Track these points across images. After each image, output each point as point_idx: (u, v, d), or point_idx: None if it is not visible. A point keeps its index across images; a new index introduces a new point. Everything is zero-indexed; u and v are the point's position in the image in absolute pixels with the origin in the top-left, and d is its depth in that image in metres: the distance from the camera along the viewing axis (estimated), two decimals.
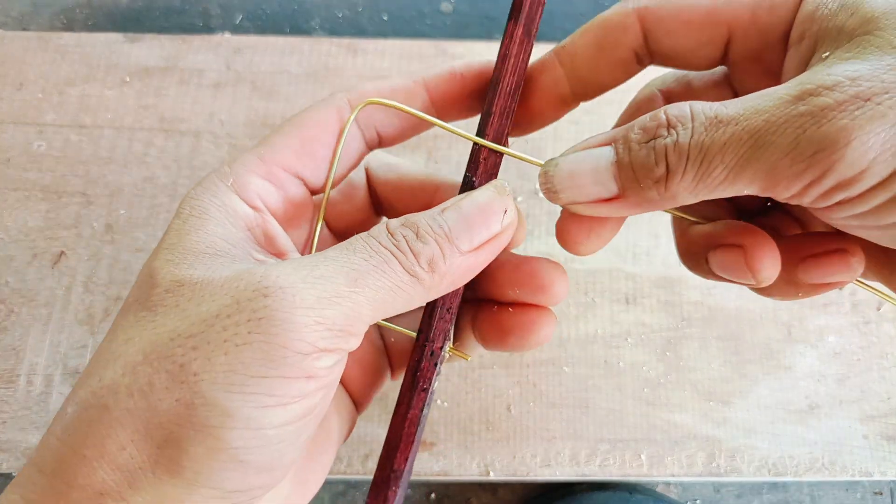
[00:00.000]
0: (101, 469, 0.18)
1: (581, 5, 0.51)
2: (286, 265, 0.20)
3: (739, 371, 0.39)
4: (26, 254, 0.40)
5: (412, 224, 0.22)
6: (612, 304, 0.40)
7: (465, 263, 0.22)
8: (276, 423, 0.19)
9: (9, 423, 0.37)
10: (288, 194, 0.24)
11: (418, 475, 0.37)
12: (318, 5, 0.51)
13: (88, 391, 0.19)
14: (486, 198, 0.23)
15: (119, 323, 0.21)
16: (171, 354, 0.19)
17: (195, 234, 0.22)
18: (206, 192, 0.23)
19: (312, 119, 0.25)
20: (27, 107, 0.43)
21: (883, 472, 0.37)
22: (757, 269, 0.23)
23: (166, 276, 0.20)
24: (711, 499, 0.41)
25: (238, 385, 0.18)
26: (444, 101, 0.26)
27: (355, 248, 0.21)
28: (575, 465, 0.37)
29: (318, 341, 0.19)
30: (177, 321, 0.19)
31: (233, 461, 0.19)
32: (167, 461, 0.19)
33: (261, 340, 0.18)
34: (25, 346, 0.38)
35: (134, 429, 0.19)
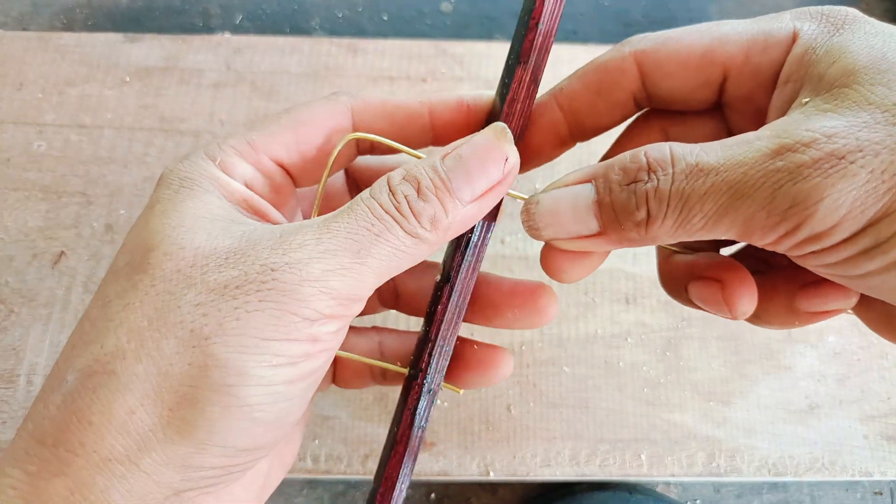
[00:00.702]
0: (109, 434, 0.19)
1: (581, 5, 0.51)
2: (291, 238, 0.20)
3: (739, 371, 0.39)
4: (26, 254, 0.40)
5: (413, 178, 0.21)
6: (612, 304, 0.40)
7: (468, 213, 0.22)
8: (285, 380, 0.20)
9: (9, 423, 0.37)
10: (273, 183, 0.24)
11: (418, 475, 0.37)
12: (318, 5, 0.51)
13: (90, 359, 0.19)
14: (486, 142, 0.22)
15: (110, 288, 0.21)
16: (180, 321, 0.19)
17: (190, 201, 0.22)
18: (194, 167, 0.23)
19: (311, 117, 0.25)
20: (27, 107, 0.43)
21: (883, 472, 0.37)
22: (734, 304, 0.24)
23: (164, 241, 0.20)
24: (711, 499, 0.41)
25: (250, 347, 0.19)
26: (446, 127, 0.26)
27: (357, 216, 0.21)
28: (575, 465, 0.37)
29: (323, 309, 0.20)
30: (181, 287, 0.20)
31: (246, 418, 0.20)
32: (180, 422, 0.19)
33: (271, 308, 0.19)
34: (25, 347, 0.38)
35: (143, 393, 0.19)
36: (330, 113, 0.25)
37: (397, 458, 0.25)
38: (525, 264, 0.40)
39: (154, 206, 0.22)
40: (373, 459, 0.37)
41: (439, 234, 0.21)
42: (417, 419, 0.25)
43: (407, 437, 0.25)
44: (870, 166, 0.17)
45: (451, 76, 0.44)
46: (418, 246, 0.21)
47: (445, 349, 0.25)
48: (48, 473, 0.19)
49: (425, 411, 0.25)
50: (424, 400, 0.25)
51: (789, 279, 0.25)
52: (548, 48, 0.24)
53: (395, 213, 0.21)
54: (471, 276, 0.25)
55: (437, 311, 0.25)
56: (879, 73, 0.19)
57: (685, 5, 0.52)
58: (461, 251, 0.25)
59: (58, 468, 0.19)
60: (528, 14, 0.24)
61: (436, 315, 0.25)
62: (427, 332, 0.25)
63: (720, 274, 0.25)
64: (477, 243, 0.25)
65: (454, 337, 0.25)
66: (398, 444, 0.25)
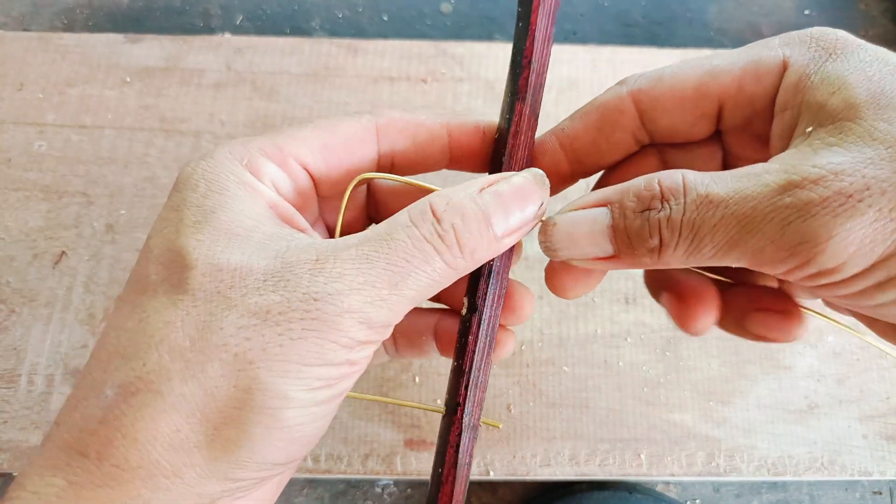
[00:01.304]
0: (155, 450, 0.20)
1: (581, 6, 0.52)
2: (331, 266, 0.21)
3: (739, 371, 0.39)
4: (27, 254, 0.40)
5: (458, 208, 0.22)
6: (612, 304, 0.40)
7: (497, 248, 0.23)
8: (321, 401, 0.21)
9: (9, 423, 0.37)
10: (298, 186, 0.25)
11: (419, 475, 0.37)
12: (319, 6, 0.51)
13: (132, 375, 0.20)
14: (526, 184, 0.23)
15: (148, 302, 0.21)
16: (224, 344, 0.20)
17: (221, 212, 0.22)
18: (221, 168, 0.23)
19: (336, 128, 0.25)
20: (28, 107, 0.43)
21: (882, 472, 0.37)
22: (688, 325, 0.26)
23: (201, 259, 0.21)
24: (711, 498, 0.41)
25: (292, 372, 0.20)
26: (462, 149, 0.27)
27: (397, 246, 0.21)
28: (574, 465, 0.37)
29: (360, 337, 0.21)
30: (222, 309, 0.20)
31: (286, 438, 0.21)
32: (224, 441, 0.20)
33: (313, 336, 0.20)
34: (26, 346, 0.38)
35: (189, 412, 0.20)
36: (355, 128, 0.25)
37: (445, 499, 0.24)
38: (525, 264, 0.40)
39: (182, 210, 0.22)
40: (373, 459, 0.37)
41: (472, 264, 0.22)
42: (461, 457, 0.24)
43: (453, 476, 0.24)
44: (877, 205, 0.18)
45: (451, 76, 0.44)
46: (450, 275, 0.22)
47: (481, 380, 0.25)
48: (92, 485, 0.19)
49: (468, 447, 0.25)
50: (466, 436, 0.25)
51: (746, 299, 0.26)
52: (542, 84, 0.25)
53: (437, 244, 0.21)
54: (497, 304, 0.25)
55: (467, 342, 0.25)
56: (880, 108, 0.19)
57: (685, 5, 0.52)
58: (485, 279, 0.25)
59: (102, 480, 0.19)
60: (520, 54, 0.25)
61: (467, 346, 0.25)
62: (460, 365, 0.25)
63: (688, 291, 0.26)
64: (500, 271, 0.25)
65: (488, 367, 0.25)
66: (444, 484, 0.24)
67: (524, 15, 0.25)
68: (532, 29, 0.24)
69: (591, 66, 0.44)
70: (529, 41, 0.24)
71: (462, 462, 0.24)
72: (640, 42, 0.50)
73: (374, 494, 0.40)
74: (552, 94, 0.43)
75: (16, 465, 0.36)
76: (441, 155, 0.27)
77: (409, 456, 0.37)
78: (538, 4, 0.24)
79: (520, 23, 0.25)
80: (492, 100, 0.43)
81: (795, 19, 0.52)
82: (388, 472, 0.37)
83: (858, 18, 0.52)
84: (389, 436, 0.37)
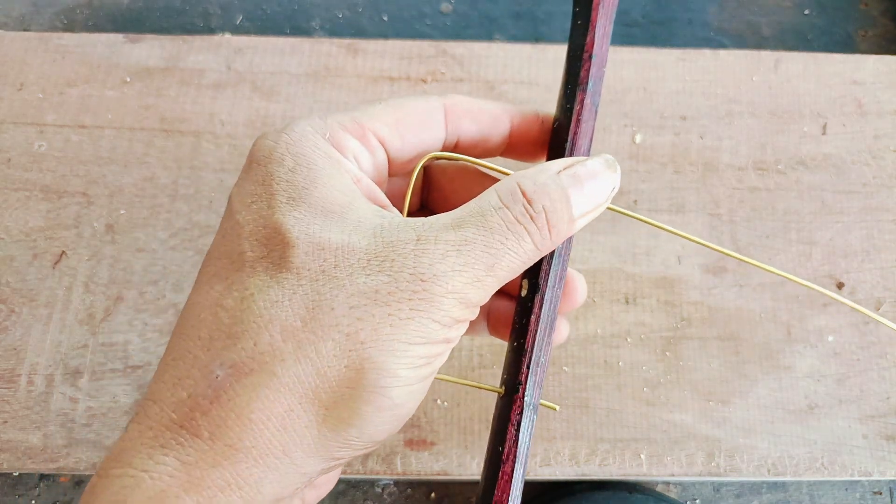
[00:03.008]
0: (268, 430, 0.20)
1: None
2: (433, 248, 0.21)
3: (739, 371, 0.39)
4: (27, 254, 0.40)
5: (544, 189, 0.22)
6: (612, 304, 0.40)
7: (570, 229, 0.23)
8: (422, 378, 0.22)
9: (9, 423, 0.37)
10: (377, 161, 0.25)
11: (419, 475, 0.37)
12: (319, 6, 0.51)
13: (244, 355, 0.20)
14: (601, 168, 0.24)
15: (248, 279, 0.21)
16: (336, 324, 0.20)
17: (314, 188, 0.22)
18: (306, 142, 0.22)
19: (410, 105, 0.25)
20: (28, 107, 0.43)
21: (882, 472, 0.37)
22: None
23: (302, 237, 0.21)
24: (711, 498, 0.41)
25: (400, 351, 0.20)
26: (521, 136, 0.27)
27: (493, 228, 0.22)
28: (574, 465, 0.37)
29: (458, 315, 0.22)
30: (330, 288, 0.20)
31: (393, 416, 0.21)
32: (335, 420, 0.20)
33: (420, 317, 0.21)
34: (26, 346, 0.38)
35: (303, 392, 0.20)
36: (425, 106, 0.26)
37: (506, 478, 0.24)
38: None
39: (270, 185, 0.22)
40: (373, 459, 0.37)
41: (554, 244, 0.23)
42: (522, 435, 0.24)
43: (514, 455, 0.24)
44: None
45: (451, 76, 0.44)
46: (536, 256, 0.23)
47: (542, 360, 0.25)
48: (205, 464, 0.19)
49: (529, 428, 0.25)
50: (527, 415, 0.25)
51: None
52: (602, 76, 0.27)
53: (528, 225, 0.22)
54: (558, 285, 0.26)
55: (529, 321, 0.25)
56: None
57: (685, 5, 0.52)
58: (548, 260, 0.25)
59: (214, 460, 0.19)
60: (579, 49, 0.27)
61: (529, 326, 0.25)
62: (522, 345, 0.25)
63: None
64: (562, 252, 0.26)
65: (549, 348, 0.26)
66: (505, 463, 0.24)
67: (583, 14, 0.27)
68: (593, 26, 0.26)
69: None
70: (591, 37, 0.26)
71: (523, 440, 0.24)
72: (640, 42, 0.50)
73: (374, 494, 0.40)
74: (553, 95, 0.43)
75: (16, 464, 0.36)
76: (501, 140, 0.27)
77: (410, 456, 0.37)
78: (598, 3, 0.26)
79: (578, 21, 0.27)
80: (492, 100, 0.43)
81: (795, 19, 0.52)
82: (388, 472, 0.37)
83: (858, 18, 0.52)
84: None
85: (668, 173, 0.42)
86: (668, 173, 0.42)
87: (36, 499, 0.40)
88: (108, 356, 0.38)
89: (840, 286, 0.40)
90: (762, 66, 0.44)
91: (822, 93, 0.44)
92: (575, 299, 0.28)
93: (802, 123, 0.43)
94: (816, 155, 0.43)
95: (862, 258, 0.41)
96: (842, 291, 0.40)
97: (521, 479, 0.24)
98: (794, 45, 0.51)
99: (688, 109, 0.43)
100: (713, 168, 0.42)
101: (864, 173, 0.42)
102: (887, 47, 0.51)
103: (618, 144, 0.43)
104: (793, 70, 0.44)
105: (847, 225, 0.41)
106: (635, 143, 0.43)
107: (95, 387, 0.38)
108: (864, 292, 0.40)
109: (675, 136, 0.43)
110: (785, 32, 0.51)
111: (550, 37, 0.50)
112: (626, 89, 0.44)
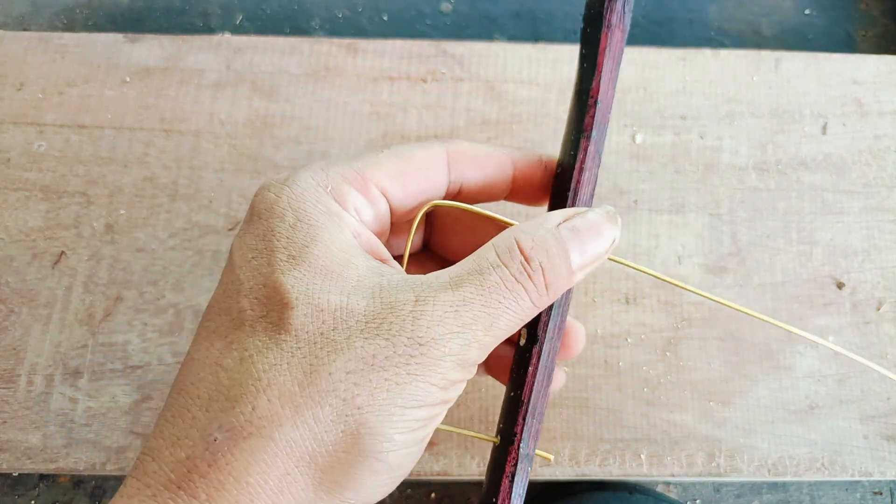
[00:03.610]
0: (265, 493, 0.20)
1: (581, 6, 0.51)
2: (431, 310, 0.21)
3: (739, 371, 0.39)
4: (26, 254, 0.40)
5: (542, 245, 0.22)
6: (612, 304, 0.40)
7: (570, 282, 0.23)
8: (418, 441, 0.22)
9: (9, 423, 0.37)
10: (378, 213, 0.25)
11: (419, 475, 0.37)
12: (319, 5, 0.51)
13: (242, 419, 0.20)
14: (600, 221, 0.24)
15: (247, 339, 0.21)
16: (333, 389, 0.20)
17: (314, 246, 0.22)
18: (307, 196, 0.23)
19: (411, 154, 0.25)
20: (27, 107, 0.43)
21: (882, 472, 0.37)
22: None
23: (301, 298, 0.21)
24: (711, 498, 0.41)
25: (396, 416, 0.21)
26: (523, 182, 0.27)
27: (490, 287, 0.22)
28: (575, 465, 0.37)
29: (455, 377, 0.22)
30: (328, 352, 0.21)
31: (389, 478, 0.22)
32: (331, 483, 0.21)
33: (417, 381, 0.21)
34: (26, 346, 0.38)
35: (299, 457, 0.20)
36: (429, 153, 0.26)
37: None
38: None
39: (271, 241, 0.22)
40: None
41: (551, 300, 0.23)
42: (516, 487, 0.25)
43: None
44: None
45: (451, 76, 0.44)
46: (533, 312, 0.23)
47: (538, 411, 0.26)
48: None
49: (524, 479, 0.25)
50: (522, 467, 0.25)
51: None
52: (607, 122, 0.26)
53: (526, 283, 0.22)
54: (557, 337, 0.26)
55: (527, 373, 0.25)
56: None
57: (685, 5, 0.52)
58: (547, 312, 0.25)
59: None
60: (585, 94, 0.26)
61: (526, 377, 0.25)
62: (518, 396, 0.25)
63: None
64: (562, 304, 0.26)
65: (545, 398, 0.26)
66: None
67: (590, 56, 0.26)
68: (599, 71, 0.25)
69: None
70: (596, 82, 0.25)
71: (516, 492, 0.25)
72: (640, 42, 0.50)
73: None
74: (553, 94, 0.43)
75: (15, 464, 0.36)
76: (505, 186, 0.27)
77: None
78: (605, 48, 0.25)
79: (584, 63, 0.26)
80: (491, 100, 0.43)
81: (795, 19, 0.52)
82: None
83: (858, 18, 0.52)
84: None
85: (668, 173, 0.42)
86: (668, 173, 0.42)
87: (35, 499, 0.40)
88: (107, 356, 0.38)
89: (840, 286, 0.40)
90: (762, 66, 0.44)
91: (822, 93, 0.44)
92: (573, 349, 0.28)
93: (803, 123, 0.43)
94: (817, 155, 0.43)
95: (862, 258, 0.41)
96: (842, 291, 0.40)
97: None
98: (795, 45, 0.51)
99: (688, 109, 0.43)
100: (713, 168, 0.42)
101: (864, 173, 0.42)
102: (887, 47, 0.51)
103: (618, 144, 0.43)
104: (793, 70, 0.44)
105: (847, 225, 0.41)
106: (635, 143, 0.43)
107: (95, 387, 0.38)
108: (865, 292, 0.40)
109: (676, 136, 0.43)
110: (785, 32, 0.51)
111: (550, 36, 0.50)
112: (626, 89, 0.44)
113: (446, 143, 0.26)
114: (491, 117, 0.43)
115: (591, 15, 0.26)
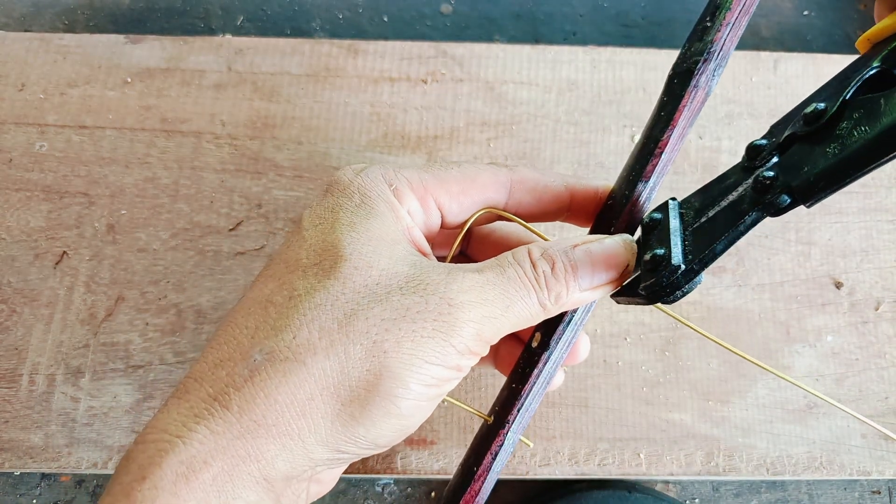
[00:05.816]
0: (289, 413, 0.22)
1: (580, 6, 0.52)
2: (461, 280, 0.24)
3: (738, 370, 0.39)
4: (28, 254, 0.40)
5: (549, 258, 0.25)
6: (612, 303, 0.40)
7: (582, 298, 0.26)
8: (429, 397, 0.24)
9: (11, 423, 0.37)
10: (429, 222, 0.27)
11: (419, 474, 0.37)
12: (319, 7, 0.51)
13: (281, 345, 0.23)
14: (616, 248, 0.26)
15: (298, 281, 0.24)
16: (367, 331, 0.23)
17: (372, 220, 0.25)
18: (374, 186, 0.26)
19: (477, 176, 0.28)
20: (29, 107, 0.43)
21: (881, 472, 0.37)
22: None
23: (354, 254, 0.24)
24: (710, 497, 0.41)
25: (416, 366, 0.23)
26: (580, 207, 0.29)
27: (509, 277, 0.25)
28: (574, 464, 0.37)
29: (472, 346, 0.24)
30: (368, 301, 0.23)
31: (397, 424, 0.24)
32: (347, 416, 0.23)
33: (440, 336, 0.23)
34: (28, 346, 0.38)
35: (325, 385, 0.22)
36: (493, 178, 0.28)
37: (472, 493, 0.28)
38: None
39: (337, 212, 0.25)
40: (373, 458, 0.37)
41: (556, 308, 0.25)
42: (496, 465, 0.28)
43: (485, 477, 0.28)
44: None
45: (451, 77, 0.44)
46: (539, 314, 0.25)
47: (531, 408, 0.28)
48: (230, 435, 0.22)
49: (504, 459, 0.28)
50: (506, 448, 0.28)
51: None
52: (667, 171, 0.27)
53: (534, 284, 0.25)
54: (566, 349, 0.28)
55: (531, 373, 0.28)
56: None
57: (684, 6, 0.52)
58: (563, 325, 0.28)
59: (239, 432, 0.22)
60: (654, 142, 0.26)
61: (529, 377, 0.28)
62: (518, 390, 0.28)
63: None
64: (577, 322, 0.28)
65: (540, 399, 0.28)
66: (475, 481, 0.28)
67: (668, 107, 0.26)
68: (673, 125, 0.26)
69: (591, 67, 0.44)
70: (667, 134, 0.26)
71: (495, 468, 0.28)
72: (639, 43, 0.51)
73: (374, 493, 0.40)
74: (552, 95, 0.44)
75: (17, 464, 0.36)
76: (558, 213, 0.29)
77: (410, 455, 0.37)
78: (685, 105, 0.26)
79: (661, 112, 0.27)
80: (491, 100, 0.43)
81: (795, 20, 0.52)
82: (388, 471, 0.37)
83: (857, 19, 0.52)
84: None
85: (667, 174, 0.42)
86: (667, 174, 0.42)
87: (37, 498, 0.40)
88: (109, 356, 0.38)
89: (839, 286, 0.40)
90: (761, 67, 0.45)
91: None
92: (576, 358, 0.31)
93: None
94: None
95: (860, 258, 0.41)
96: (840, 291, 0.40)
97: (486, 495, 0.28)
98: (794, 46, 0.51)
99: None
100: (712, 168, 0.42)
101: None
102: None
103: (617, 145, 0.43)
104: (792, 70, 0.44)
105: (846, 225, 0.42)
106: (634, 143, 0.43)
107: (97, 386, 0.38)
108: (863, 292, 0.40)
109: None
110: (784, 33, 0.52)
111: (550, 38, 0.50)
112: (625, 89, 0.44)
113: (512, 172, 0.28)
114: (491, 118, 0.43)
115: (681, 68, 0.26)
